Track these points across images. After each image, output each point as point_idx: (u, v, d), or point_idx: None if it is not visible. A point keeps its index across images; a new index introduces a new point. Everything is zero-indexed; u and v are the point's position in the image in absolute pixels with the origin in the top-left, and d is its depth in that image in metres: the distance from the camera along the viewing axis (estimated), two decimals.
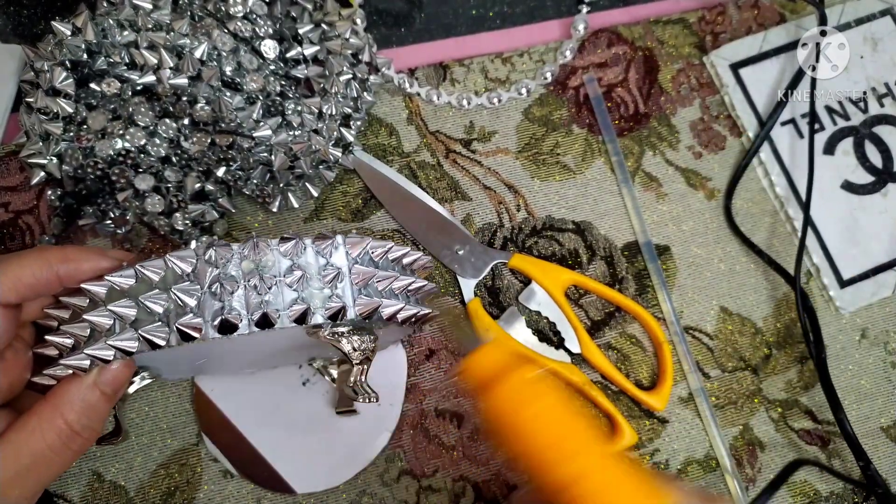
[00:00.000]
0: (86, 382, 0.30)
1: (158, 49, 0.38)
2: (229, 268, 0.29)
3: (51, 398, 0.30)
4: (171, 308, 0.29)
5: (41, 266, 0.30)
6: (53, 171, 0.40)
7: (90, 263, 0.30)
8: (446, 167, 0.46)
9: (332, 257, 0.31)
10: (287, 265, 0.30)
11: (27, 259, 0.30)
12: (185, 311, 0.28)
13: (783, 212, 0.47)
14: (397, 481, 0.42)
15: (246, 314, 0.29)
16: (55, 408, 0.29)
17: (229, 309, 0.29)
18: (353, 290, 0.30)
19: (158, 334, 0.28)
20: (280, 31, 0.42)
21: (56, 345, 0.31)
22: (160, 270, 0.29)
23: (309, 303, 0.29)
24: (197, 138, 0.40)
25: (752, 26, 0.49)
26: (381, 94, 0.47)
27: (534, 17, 0.50)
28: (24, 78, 0.41)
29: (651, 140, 0.47)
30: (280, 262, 0.29)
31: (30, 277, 0.30)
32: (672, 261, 0.46)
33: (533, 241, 0.46)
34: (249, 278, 0.29)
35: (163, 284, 0.29)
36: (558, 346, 0.44)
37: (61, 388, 0.30)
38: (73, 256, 0.30)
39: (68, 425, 0.30)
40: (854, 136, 0.48)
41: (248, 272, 0.29)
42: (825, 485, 0.43)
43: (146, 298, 0.29)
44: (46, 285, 0.30)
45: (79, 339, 0.30)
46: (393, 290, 0.32)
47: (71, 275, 0.30)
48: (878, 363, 0.45)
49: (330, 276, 0.30)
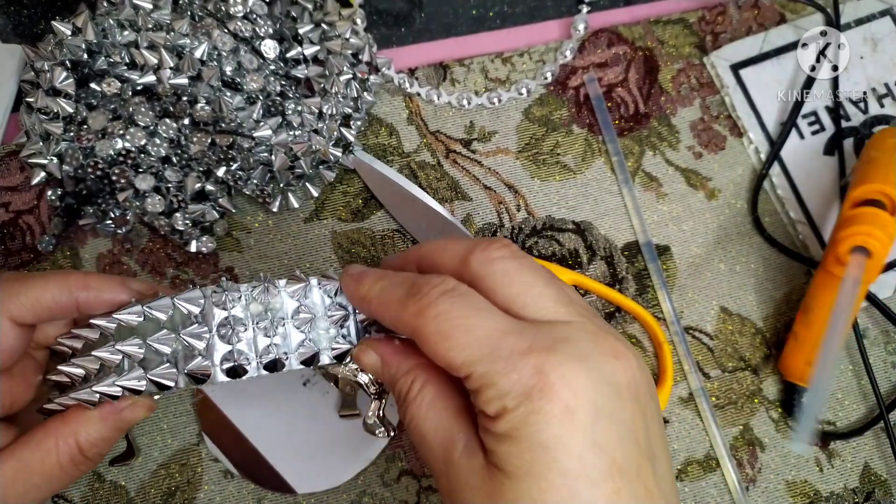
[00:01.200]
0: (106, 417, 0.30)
1: (159, 49, 0.38)
2: (237, 309, 0.29)
3: (68, 420, 0.30)
4: (178, 350, 0.29)
5: (62, 291, 0.30)
6: (54, 170, 0.40)
7: (110, 294, 0.31)
8: (446, 167, 0.46)
9: (337, 297, 0.31)
10: (294, 307, 0.30)
11: (49, 282, 0.30)
12: (193, 355, 0.29)
13: (784, 213, 0.47)
14: (398, 481, 0.42)
15: (255, 357, 0.29)
16: (71, 430, 0.29)
17: (238, 353, 0.29)
18: (358, 328, 0.31)
19: (167, 377, 0.29)
20: (280, 31, 0.42)
21: (68, 374, 0.31)
22: (168, 310, 0.29)
23: (317, 344, 0.30)
24: (197, 138, 0.40)
25: (752, 26, 0.49)
26: (381, 94, 0.47)
27: (534, 17, 0.50)
28: (24, 78, 0.41)
29: (651, 140, 0.47)
30: (287, 304, 0.30)
31: (49, 301, 0.30)
32: (672, 261, 0.46)
33: (533, 241, 0.46)
34: (258, 321, 0.29)
35: (170, 324, 0.29)
36: None
37: (80, 414, 0.30)
38: (94, 284, 0.30)
39: (81, 450, 0.30)
40: (854, 137, 0.48)
41: (255, 314, 0.29)
42: (825, 485, 0.43)
43: (154, 341, 0.29)
44: (64, 310, 0.30)
45: (89, 372, 0.30)
46: None
47: (90, 302, 0.30)
48: (878, 363, 0.45)
49: (336, 316, 0.30)
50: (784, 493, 0.43)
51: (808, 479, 0.43)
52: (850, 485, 0.44)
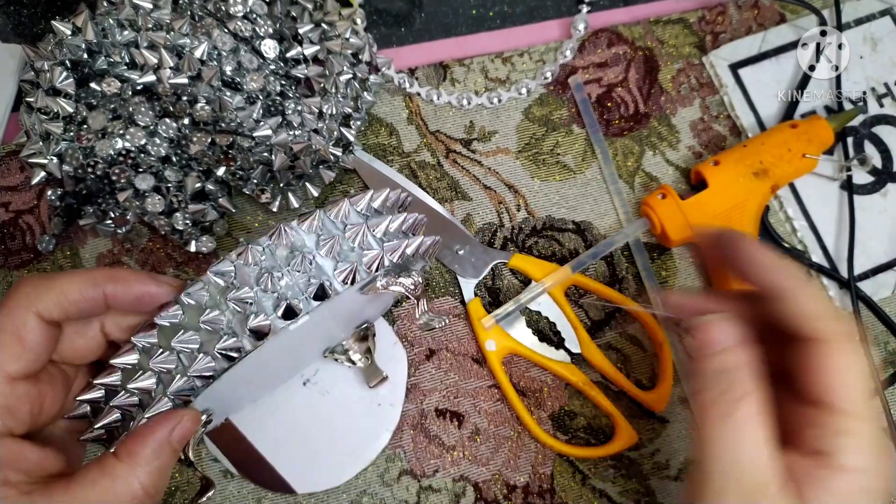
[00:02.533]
0: (159, 440, 0.29)
1: (158, 49, 0.38)
2: (266, 261, 0.30)
3: (125, 457, 0.28)
4: (231, 319, 0.29)
5: (87, 284, 0.29)
6: (54, 170, 0.40)
7: (140, 286, 0.30)
8: (446, 167, 0.46)
9: (349, 219, 0.32)
10: (314, 239, 0.31)
11: (73, 277, 0.29)
12: (246, 315, 0.29)
13: (782, 212, 0.47)
14: (397, 481, 0.42)
15: (300, 294, 0.30)
16: (131, 469, 0.28)
17: (283, 297, 0.30)
18: (376, 240, 0.32)
19: (232, 346, 0.29)
20: (280, 31, 0.42)
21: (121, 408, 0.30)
22: (204, 289, 0.30)
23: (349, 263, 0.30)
24: (197, 138, 0.40)
25: (751, 26, 0.49)
26: (381, 94, 0.47)
27: (534, 16, 0.50)
28: (24, 77, 0.41)
29: (651, 140, 0.47)
30: (307, 240, 0.30)
31: (76, 294, 0.29)
32: (672, 261, 0.46)
33: (533, 240, 0.46)
34: (289, 262, 0.30)
35: (213, 302, 0.30)
36: (558, 346, 0.44)
37: (135, 447, 0.28)
38: (121, 277, 0.30)
39: (144, 489, 0.28)
40: (854, 136, 0.48)
41: (284, 258, 0.30)
42: None
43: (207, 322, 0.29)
44: (93, 304, 0.30)
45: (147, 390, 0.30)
46: (402, 229, 0.34)
47: (118, 295, 0.30)
48: (878, 363, 0.45)
49: (353, 235, 0.31)
50: None
51: None
52: None
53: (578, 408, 0.44)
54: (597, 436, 0.43)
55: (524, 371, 0.44)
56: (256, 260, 0.30)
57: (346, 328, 0.39)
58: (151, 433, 0.29)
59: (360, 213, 0.32)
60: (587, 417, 0.43)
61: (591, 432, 0.43)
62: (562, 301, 0.44)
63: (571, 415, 0.43)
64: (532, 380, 0.44)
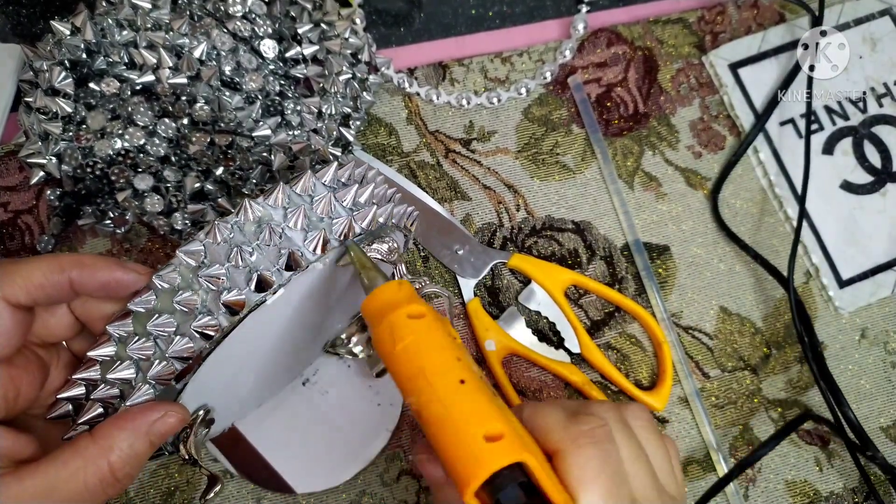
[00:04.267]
0: (139, 430, 0.29)
1: (157, 48, 0.38)
2: (234, 238, 0.30)
3: (99, 439, 0.29)
4: (205, 298, 0.29)
5: (52, 269, 0.29)
6: (53, 170, 0.40)
7: (105, 271, 0.30)
8: (446, 167, 0.46)
9: (315, 191, 0.32)
10: (282, 213, 0.30)
11: (39, 262, 0.29)
12: (219, 291, 0.29)
13: (782, 212, 0.47)
14: (397, 481, 0.42)
15: (272, 266, 0.29)
16: (102, 450, 0.28)
17: (255, 270, 0.29)
18: (345, 209, 0.32)
19: (207, 323, 0.29)
20: (279, 31, 0.42)
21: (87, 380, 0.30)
22: (176, 271, 0.30)
23: (319, 232, 0.30)
24: (196, 138, 0.40)
25: (751, 26, 0.49)
26: (380, 94, 0.47)
27: (533, 16, 0.50)
28: (23, 77, 0.41)
29: (651, 140, 0.47)
30: (274, 213, 0.30)
31: (40, 278, 0.29)
32: (672, 260, 0.46)
33: (532, 240, 0.46)
34: (259, 236, 0.30)
35: (185, 283, 0.30)
36: (558, 346, 0.44)
37: (110, 430, 0.29)
38: (87, 262, 0.30)
39: (112, 471, 0.29)
40: (853, 137, 0.48)
41: (252, 233, 0.30)
42: (825, 485, 0.43)
43: (180, 302, 0.29)
44: (57, 288, 0.30)
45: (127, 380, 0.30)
46: (373, 201, 0.34)
47: (84, 281, 0.30)
48: (878, 363, 0.45)
49: (320, 205, 0.31)
50: (784, 493, 0.43)
51: (808, 478, 0.43)
52: (849, 485, 0.44)
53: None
54: None
55: (524, 371, 0.44)
56: (225, 237, 0.30)
57: (342, 317, 0.39)
58: (131, 420, 0.29)
59: (326, 186, 0.32)
60: None
61: None
62: (561, 301, 0.44)
63: None
64: (532, 380, 0.44)
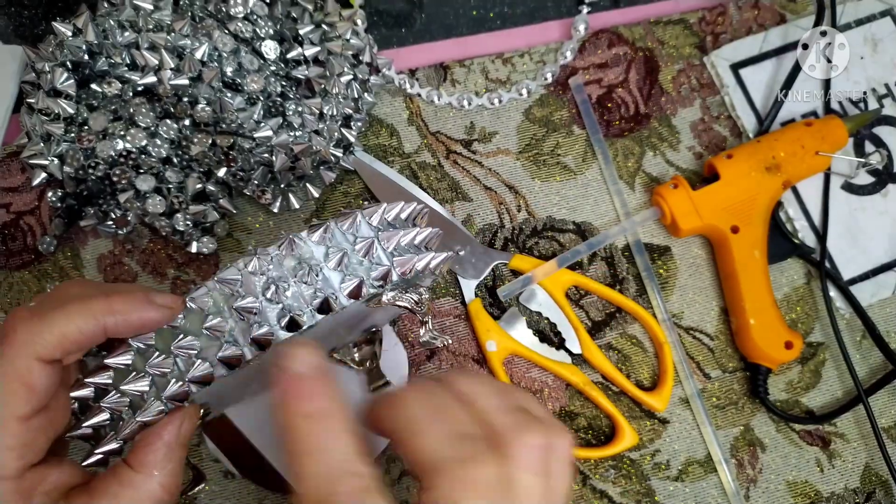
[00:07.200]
0: (168, 443, 0.29)
1: (159, 50, 0.38)
2: (272, 271, 0.30)
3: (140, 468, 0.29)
4: (233, 327, 0.30)
5: (87, 321, 0.29)
6: (55, 171, 0.40)
7: (137, 314, 0.29)
8: (447, 168, 0.46)
9: (360, 231, 0.32)
10: (323, 251, 0.31)
11: (71, 314, 0.29)
12: (249, 324, 0.29)
13: (783, 212, 0.47)
14: (398, 481, 0.42)
15: (306, 306, 0.30)
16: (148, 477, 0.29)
17: (289, 308, 0.30)
18: (386, 254, 0.32)
19: (233, 354, 0.29)
20: (281, 32, 0.42)
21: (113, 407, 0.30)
22: (209, 295, 0.30)
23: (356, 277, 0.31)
24: (198, 139, 0.40)
25: (752, 26, 0.49)
26: (381, 95, 0.47)
27: (534, 17, 0.50)
28: (25, 79, 0.41)
29: (652, 140, 0.47)
30: (316, 251, 0.31)
31: (76, 333, 0.28)
32: (673, 261, 0.46)
33: (533, 241, 0.46)
34: (296, 273, 0.30)
35: (215, 309, 0.30)
36: (559, 347, 0.44)
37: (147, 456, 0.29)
38: (119, 307, 0.29)
39: (163, 490, 0.29)
40: (854, 137, 0.48)
41: (291, 269, 0.30)
42: (826, 485, 0.43)
43: (208, 327, 0.29)
44: (92, 339, 0.29)
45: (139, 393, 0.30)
46: (415, 244, 0.34)
47: (118, 328, 0.29)
48: (878, 363, 0.45)
49: (363, 248, 0.31)
50: (785, 494, 0.43)
51: (809, 479, 0.43)
52: (850, 485, 0.44)
53: (579, 408, 0.44)
54: (597, 436, 0.43)
55: (525, 372, 0.44)
56: (263, 269, 0.30)
57: (353, 332, 0.39)
58: (159, 438, 0.29)
59: (371, 227, 0.32)
60: (588, 418, 0.44)
61: (591, 433, 0.43)
62: (562, 301, 0.44)
63: (572, 415, 0.43)
64: (533, 380, 0.44)
